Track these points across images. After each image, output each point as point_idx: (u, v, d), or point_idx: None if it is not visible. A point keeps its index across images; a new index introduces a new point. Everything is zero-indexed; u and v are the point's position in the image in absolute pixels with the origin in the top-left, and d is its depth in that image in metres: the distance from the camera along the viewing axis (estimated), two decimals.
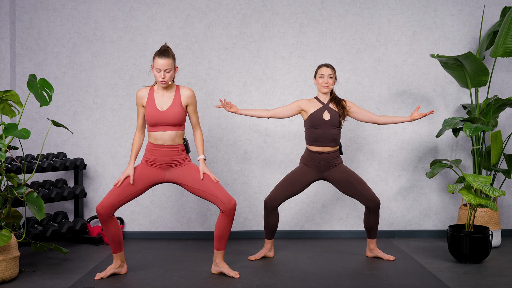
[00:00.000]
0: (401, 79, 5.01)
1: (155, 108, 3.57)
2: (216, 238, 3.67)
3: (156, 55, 3.53)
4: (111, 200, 3.54)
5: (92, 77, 4.97)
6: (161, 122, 3.56)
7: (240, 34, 4.97)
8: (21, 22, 4.95)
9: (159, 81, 3.54)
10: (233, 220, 3.97)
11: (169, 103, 3.59)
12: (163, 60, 3.50)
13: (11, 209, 3.77)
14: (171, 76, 3.55)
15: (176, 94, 3.62)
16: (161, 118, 3.55)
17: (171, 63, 3.53)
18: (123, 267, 3.74)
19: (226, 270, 3.68)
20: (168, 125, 3.57)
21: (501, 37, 4.48)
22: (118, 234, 3.61)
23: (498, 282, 3.51)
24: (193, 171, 3.64)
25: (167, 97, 3.61)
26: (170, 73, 3.54)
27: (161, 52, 3.54)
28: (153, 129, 3.59)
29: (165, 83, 3.55)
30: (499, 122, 5.02)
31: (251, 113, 4.14)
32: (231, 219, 3.62)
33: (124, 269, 3.74)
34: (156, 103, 3.59)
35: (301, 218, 5.02)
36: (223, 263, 3.71)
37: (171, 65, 3.53)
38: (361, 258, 4.18)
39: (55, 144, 4.97)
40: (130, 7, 4.96)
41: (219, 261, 3.71)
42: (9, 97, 3.72)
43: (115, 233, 3.59)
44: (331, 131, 4.04)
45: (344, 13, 4.99)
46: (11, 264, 3.52)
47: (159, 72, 3.52)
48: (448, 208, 5.03)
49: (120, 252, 3.67)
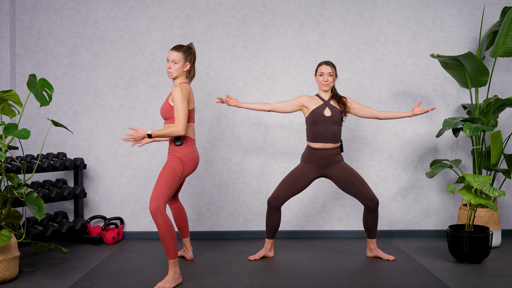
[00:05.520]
0: (401, 79, 5.01)
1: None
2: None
3: (170, 50, 3.70)
4: None
5: (92, 77, 4.97)
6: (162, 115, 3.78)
7: (240, 34, 4.97)
8: (21, 22, 4.95)
9: (167, 70, 3.68)
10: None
11: (164, 99, 3.72)
12: (172, 52, 3.65)
13: (11, 209, 3.77)
14: (177, 69, 3.64)
15: (172, 91, 3.68)
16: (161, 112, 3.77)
17: (181, 57, 3.64)
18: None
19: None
20: (163, 118, 3.74)
21: (501, 37, 4.48)
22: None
23: (498, 282, 3.51)
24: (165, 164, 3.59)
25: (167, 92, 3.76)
26: (176, 65, 3.64)
27: (175, 46, 3.74)
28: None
29: (169, 74, 3.66)
30: (499, 122, 5.02)
31: (252, 106, 4.15)
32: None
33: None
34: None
35: (301, 218, 5.02)
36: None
37: (180, 58, 3.64)
38: (361, 258, 4.18)
39: (55, 144, 4.97)
40: (130, 7, 4.96)
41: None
42: (9, 97, 3.72)
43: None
44: (332, 128, 4.04)
45: (344, 13, 4.99)
46: (11, 264, 3.53)
47: (168, 62, 3.67)
48: (448, 208, 5.03)
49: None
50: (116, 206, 4.97)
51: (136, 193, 4.97)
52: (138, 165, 4.97)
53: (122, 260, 4.12)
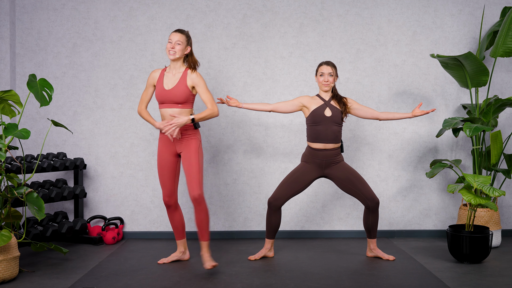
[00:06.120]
0: (401, 79, 5.01)
1: (162, 86, 3.81)
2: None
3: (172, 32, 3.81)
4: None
5: (92, 77, 4.97)
6: (166, 99, 3.78)
7: (240, 34, 4.97)
8: (21, 22, 4.95)
9: (169, 50, 3.75)
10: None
11: (175, 83, 3.79)
12: (176, 33, 3.79)
13: (11, 209, 3.77)
14: (180, 49, 3.75)
15: (183, 74, 3.82)
16: (167, 96, 3.77)
17: (184, 39, 3.76)
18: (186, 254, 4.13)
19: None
20: (172, 103, 3.77)
21: (501, 37, 4.48)
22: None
23: (498, 282, 3.51)
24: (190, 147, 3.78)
25: (175, 77, 3.82)
26: (180, 46, 3.75)
27: (177, 29, 3.87)
28: (160, 106, 3.85)
29: (173, 54, 3.75)
30: (499, 122, 5.02)
31: (252, 106, 4.16)
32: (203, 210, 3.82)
33: (187, 256, 4.14)
34: (164, 82, 3.81)
35: (301, 218, 5.02)
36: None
37: (183, 40, 3.76)
38: (361, 258, 4.18)
39: (55, 144, 4.97)
40: (130, 7, 4.96)
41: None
42: (9, 97, 3.72)
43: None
44: (332, 128, 4.05)
45: (344, 13, 4.99)
46: (11, 264, 3.53)
47: (170, 43, 3.75)
48: (448, 208, 5.03)
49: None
50: (116, 206, 4.97)
51: (136, 193, 4.97)
52: (138, 165, 4.97)
53: (122, 260, 4.12)
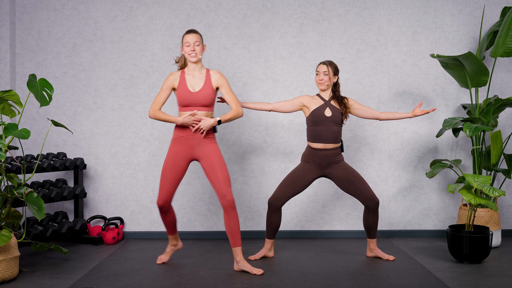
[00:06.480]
0: (401, 79, 5.01)
1: (186, 89, 3.71)
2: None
3: (185, 34, 3.76)
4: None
5: (92, 77, 4.97)
6: (193, 102, 3.71)
7: (240, 34, 4.97)
8: (21, 22, 4.95)
9: (189, 53, 3.70)
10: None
11: (200, 85, 3.73)
12: (191, 35, 3.74)
13: (11, 209, 3.77)
14: (200, 50, 3.73)
15: (207, 76, 3.77)
16: (193, 98, 3.70)
17: (200, 38, 3.75)
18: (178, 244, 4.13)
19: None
20: (199, 106, 3.72)
21: (501, 37, 4.48)
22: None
23: (498, 282, 3.51)
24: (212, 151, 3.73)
25: (198, 78, 3.77)
26: (199, 46, 3.72)
27: (188, 30, 3.78)
28: (184, 109, 3.76)
29: (195, 55, 3.71)
30: (499, 122, 5.02)
31: (253, 106, 4.16)
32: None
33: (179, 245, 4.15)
34: (187, 84, 3.74)
35: (301, 218, 5.02)
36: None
37: (200, 39, 3.74)
38: (361, 258, 4.18)
39: (55, 144, 4.97)
40: (130, 7, 4.96)
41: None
42: (9, 97, 3.72)
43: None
44: (332, 128, 4.05)
45: (344, 13, 4.99)
46: (11, 264, 3.53)
47: (189, 46, 3.70)
48: (448, 208, 5.03)
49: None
50: (116, 206, 4.97)
51: (136, 193, 4.97)
52: (138, 165, 4.97)
53: (122, 260, 4.12)
